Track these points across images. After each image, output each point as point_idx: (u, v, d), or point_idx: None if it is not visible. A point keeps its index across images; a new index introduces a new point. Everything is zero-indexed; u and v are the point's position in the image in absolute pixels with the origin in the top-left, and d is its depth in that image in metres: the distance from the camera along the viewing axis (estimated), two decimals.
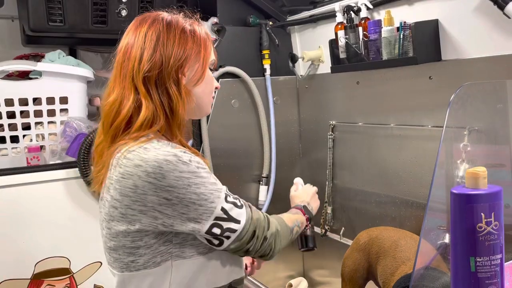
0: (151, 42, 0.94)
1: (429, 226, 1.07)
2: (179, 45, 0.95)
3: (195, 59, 0.98)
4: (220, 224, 0.93)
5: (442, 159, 1.13)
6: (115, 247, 0.96)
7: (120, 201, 0.91)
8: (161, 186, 0.88)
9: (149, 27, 0.97)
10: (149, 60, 0.93)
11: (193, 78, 0.98)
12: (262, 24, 2.10)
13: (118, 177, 0.91)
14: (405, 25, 1.47)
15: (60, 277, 1.75)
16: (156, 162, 0.88)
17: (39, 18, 1.76)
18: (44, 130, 1.81)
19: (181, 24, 0.98)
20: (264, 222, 1.00)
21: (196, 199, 0.90)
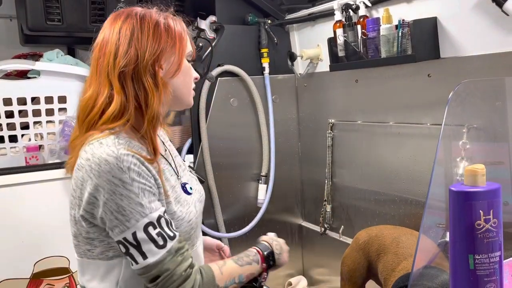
0: (126, 38, 0.95)
1: (428, 224, 1.07)
2: (154, 39, 0.96)
3: (171, 51, 0.98)
4: (127, 246, 0.91)
5: (441, 157, 1.13)
6: (75, 233, 1.01)
7: (75, 190, 0.96)
8: (95, 184, 0.90)
9: (123, 22, 0.97)
10: (124, 55, 0.94)
11: (170, 70, 0.99)
12: (260, 22, 2.10)
13: (76, 167, 0.95)
14: (404, 23, 1.47)
15: (59, 277, 1.75)
16: (98, 159, 0.90)
17: (37, 17, 1.76)
18: (43, 129, 1.80)
19: (155, 18, 0.98)
20: (177, 279, 0.92)
21: (114, 210, 0.90)
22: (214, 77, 1.93)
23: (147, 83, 0.95)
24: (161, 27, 0.97)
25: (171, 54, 0.98)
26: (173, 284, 0.92)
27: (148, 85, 0.95)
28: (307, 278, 2.26)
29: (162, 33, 0.97)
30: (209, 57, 1.87)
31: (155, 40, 0.96)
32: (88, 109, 0.97)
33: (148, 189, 0.93)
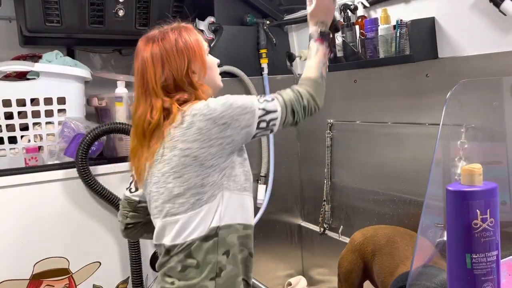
0: (158, 63, 1.20)
1: (427, 223, 1.07)
2: (179, 57, 1.21)
3: (195, 59, 1.22)
4: (263, 119, 1.19)
5: (439, 157, 1.14)
6: (184, 191, 1.16)
7: (190, 147, 1.14)
8: (216, 117, 1.14)
9: (153, 49, 1.22)
10: (161, 76, 1.20)
11: (200, 72, 1.24)
12: (259, 23, 2.10)
13: (181, 132, 1.15)
14: (402, 23, 1.47)
15: (59, 277, 1.75)
16: (205, 105, 1.15)
17: (36, 19, 1.76)
18: (42, 130, 1.81)
19: (173, 39, 1.22)
20: (296, 97, 1.24)
21: (240, 111, 1.15)
22: None
23: (187, 87, 1.20)
24: (180, 44, 1.21)
25: (195, 60, 1.22)
26: (299, 100, 1.24)
27: (188, 88, 1.20)
28: (307, 278, 2.27)
29: (183, 49, 1.21)
30: None
31: (180, 57, 1.20)
32: (146, 122, 1.20)
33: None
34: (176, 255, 1.20)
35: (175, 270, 1.20)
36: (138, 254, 1.85)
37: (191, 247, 1.18)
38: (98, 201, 1.81)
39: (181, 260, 1.19)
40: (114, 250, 1.87)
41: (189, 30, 1.25)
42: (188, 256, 1.19)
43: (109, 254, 1.86)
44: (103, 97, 2.01)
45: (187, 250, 1.18)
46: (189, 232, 1.18)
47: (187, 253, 1.18)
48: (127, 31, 1.92)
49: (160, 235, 1.23)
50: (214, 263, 1.18)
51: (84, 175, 1.72)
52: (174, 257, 1.21)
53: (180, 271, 1.19)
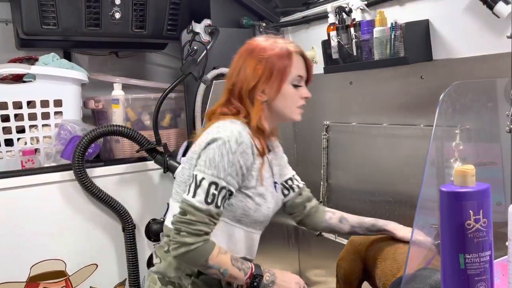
0: (237, 68, 1.28)
1: (421, 224, 1.08)
2: (253, 72, 1.24)
3: (270, 80, 1.24)
4: (192, 180, 1.19)
5: (433, 158, 1.15)
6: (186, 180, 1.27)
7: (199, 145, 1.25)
8: (213, 138, 1.20)
9: (240, 56, 1.29)
10: (234, 82, 1.27)
11: (269, 95, 1.26)
12: (255, 25, 2.11)
13: (205, 132, 1.27)
14: (396, 25, 1.48)
15: (55, 280, 1.75)
16: (229, 128, 1.22)
17: (32, 21, 1.76)
18: (39, 133, 1.81)
19: (261, 54, 1.25)
20: (192, 229, 1.16)
21: (209, 156, 1.18)
22: (209, 80, 1.94)
23: (247, 103, 1.26)
24: (263, 62, 1.24)
25: (269, 82, 1.25)
26: (187, 229, 1.16)
27: (247, 104, 1.26)
28: (304, 279, 2.26)
29: (261, 68, 1.24)
30: (204, 60, 1.88)
31: (254, 73, 1.24)
32: (213, 108, 1.33)
33: (238, 166, 1.20)
34: (166, 236, 1.30)
35: (161, 250, 1.30)
36: (135, 256, 1.85)
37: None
38: (95, 203, 1.81)
39: (167, 242, 1.27)
40: (111, 252, 1.87)
41: (285, 48, 1.26)
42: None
43: (106, 256, 1.86)
44: (100, 100, 2.02)
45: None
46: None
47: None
48: (124, 33, 1.93)
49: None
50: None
51: (81, 177, 1.72)
52: (165, 238, 1.31)
53: (166, 251, 1.27)
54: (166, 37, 2.02)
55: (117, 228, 1.87)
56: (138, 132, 1.81)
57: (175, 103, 2.12)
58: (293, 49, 1.28)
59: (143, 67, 2.41)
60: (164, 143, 1.86)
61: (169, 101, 2.08)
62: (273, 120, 1.31)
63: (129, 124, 1.98)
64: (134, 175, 1.90)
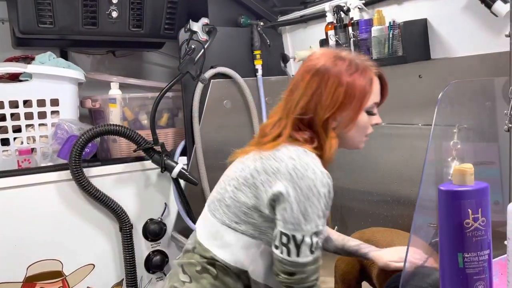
0: (310, 90, 1.09)
1: (420, 223, 1.07)
2: (332, 97, 1.08)
3: (348, 109, 1.09)
4: (290, 241, 1.05)
5: (432, 157, 1.14)
6: (228, 203, 1.12)
7: (258, 172, 1.08)
8: (294, 183, 1.04)
9: (313, 76, 1.10)
10: (305, 105, 1.09)
11: (344, 124, 1.12)
12: (253, 24, 2.10)
13: (269, 155, 1.08)
14: (394, 24, 1.48)
15: (52, 280, 1.75)
16: (306, 165, 1.06)
17: (28, 20, 1.75)
18: (35, 132, 1.80)
19: (339, 77, 1.08)
20: (307, 284, 1.08)
21: (300, 211, 1.04)
22: (207, 79, 1.94)
23: (320, 132, 1.10)
24: (343, 87, 1.08)
25: (346, 110, 1.09)
26: (302, 285, 1.08)
27: (321, 134, 1.10)
28: None
29: (342, 93, 1.08)
30: (201, 59, 1.88)
31: (332, 101, 1.08)
32: (265, 131, 1.15)
33: (327, 207, 1.07)
34: (198, 254, 1.16)
35: (193, 269, 1.15)
36: (133, 256, 1.85)
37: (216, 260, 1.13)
38: (92, 203, 1.81)
39: (201, 263, 1.14)
40: (108, 252, 1.86)
41: (366, 72, 1.11)
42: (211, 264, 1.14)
43: (103, 256, 1.85)
44: (97, 99, 2.01)
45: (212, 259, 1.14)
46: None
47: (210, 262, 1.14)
48: (121, 32, 1.92)
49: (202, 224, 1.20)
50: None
51: (78, 177, 1.72)
52: (197, 255, 1.16)
53: (199, 271, 1.14)
54: (164, 36, 2.02)
55: (114, 228, 1.86)
56: (136, 132, 1.80)
57: (173, 102, 2.11)
58: (374, 71, 1.14)
59: (140, 66, 2.40)
60: (161, 143, 1.86)
61: (167, 100, 2.07)
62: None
63: (126, 123, 1.97)
64: (131, 174, 1.90)
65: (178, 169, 1.85)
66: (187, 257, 1.19)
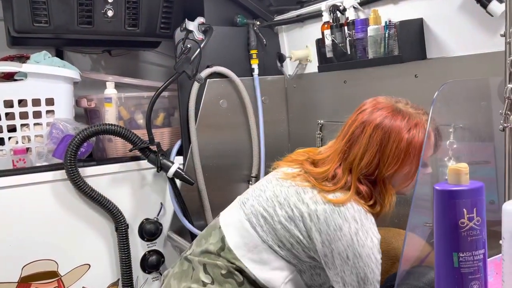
0: (375, 146, 1.09)
1: (415, 223, 1.08)
2: (396, 155, 1.08)
3: (408, 166, 1.10)
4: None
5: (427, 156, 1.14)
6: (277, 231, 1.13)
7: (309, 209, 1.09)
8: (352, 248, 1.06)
9: (374, 131, 1.10)
10: (369, 162, 1.09)
11: (402, 182, 1.14)
12: (249, 24, 2.10)
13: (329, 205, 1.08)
14: (390, 24, 1.48)
15: (47, 280, 1.74)
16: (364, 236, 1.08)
17: (23, 19, 1.74)
18: (30, 132, 1.79)
19: (401, 133, 1.09)
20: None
21: (360, 276, 1.06)
22: (203, 79, 1.93)
23: (381, 188, 1.11)
24: (405, 144, 1.08)
25: (407, 167, 1.10)
26: None
27: (380, 190, 1.11)
28: None
29: (403, 151, 1.08)
30: (197, 58, 1.87)
31: (395, 156, 1.08)
32: (324, 179, 1.12)
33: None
34: (226, 259, 1.15)
35: (218, 271, 1.14)
36: (128, 256, 1.84)
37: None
38: (87, 203, 1.80)
39: (228, 267, 1.14)
40: (104, 252, 1.86)
41: (423, 128, 1.11)
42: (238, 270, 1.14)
43: (98, 256, 1.84)
44: (92, 98, 2.00)
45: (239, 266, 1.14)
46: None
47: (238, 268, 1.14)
48: (117, 31, 1.91)
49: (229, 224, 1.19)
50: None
51: (73, 176, 1.71)
52: (223, 259, 1.15)
53: (225, 275, 1.13)
54: (159, 35, 2.01)
55: (110, 228, 1.85)
56: (131, 131, 1.80)
57: (169, 101, 2.11)
58: (431, 127, 1.13)
59: (136, 65, 2.40)
60: (157, 142, 1.85)
61: (163, 100, 2.06)
62: None
63: (122, 123, 1.96)
64: (127, 174, 1.89)
65: (174, 169, 1.84)
66: (212, 258, 1.16)
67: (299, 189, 1.12)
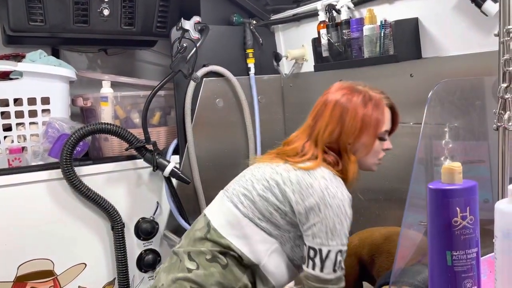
0: (335, 120, 1.25)
1: (410, 221, 1.08)
2: (353, 125, 1.24)
3: (365, 136, 1.25)
4: (316, 255, 1.17)
5: (422, 155, 1.15)
6: (260, 208, 1.23)
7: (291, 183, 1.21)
8: (324, 204, 1.18)
9: (335, 106, 1.26)
10: (331, 134, 1.25)
11: (361, 150, 1.27)
12: (245, 23, 2.10)
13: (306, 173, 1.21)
14: (386, 23, 1.48)
15: (43, 280, 1.74)
16: (334, 192, 1.19)
17: (19, 18, 1.73)
18: (26, 131, 1.79)
19: (357, 108, 1.25)
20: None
21: (329, 227, 1.16)
22: (199, 78, 1.93)
23: (344, 157, 1.25)
24: (359, 115, 1.24)
25: (364, 137, 1.25)
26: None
27: (344, 158, 1.25)
28: None
29: (359, 121, 1.24)
30: (194, 57, 1.87)
31: (353, 127, 1.24)
32: (294, 154, 1.27)
33: (349, 229, 1.20)
34: (212, 241, 1.23)
35: (202, 256, 1.22)
36: (124, 255, 1.84)
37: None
38: (83, 202, 1.80)
39: (212, 252, 1.22)
40: (100, 251, 1.85)
41: (379, 105, 1.27)
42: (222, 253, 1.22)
43: (94, 256, 1.84)
44: (88, 97, 2.00)
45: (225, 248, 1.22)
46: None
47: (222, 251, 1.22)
48: (113, 30, 1.91)
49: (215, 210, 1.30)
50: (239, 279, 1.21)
51: (69, 175, 1.71)
52: (209, 243, 1.23)
53: (210, 260, 1.21)
54: (156, 34, 2.01)
55: (106, 227, 1.85)
56: (127, 130, 1.79)
57: (165, 101, 2.10)
58: (384, 102, 1.29)
59: (132, 64, 2.39)
60: (153, 141, 1.85)
61: (159, 99, 2.06)
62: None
63: (118, 122, 1.96)
64: (123, 173, 1.89)
65: (170, 168, 1.84)
66: (197, 245, 1.24)
67: (273, 165, 1.26)
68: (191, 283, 1.19)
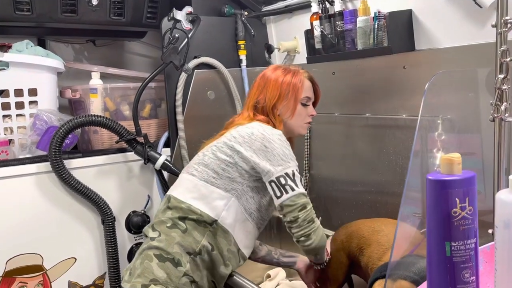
0: (261, 86, 1.52)
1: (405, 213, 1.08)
2: (274, 91, 1.49)
3: (286, 100, 1.49)
4: (286, 179, 1.35)
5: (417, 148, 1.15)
6: (213, 167, 1.43)
7: (242, 136, 1.41)
8: (260, 144, 1.39)
9: (261, 78, 1.55)
10: (258, 98, 1.52)
11: (286, 112, 1.50)
12: (237, 14, 2.08)
13: (244, 128, 1.43)
14: (380, 15, 1.48)
15: (32, 274, 1.71)
16: (267, 133, 1.42)
17: (5, 7, 1.69)
18: (13, 123, 1.75)
19: (278, 77, 1.50)
20: (312, 212, 1.38)
21: (282, 154, 1.38)
22: (190, 69, 1.91)
23: (271, 117, 1.49)
24: (278, 82, 1.49)
25: (285, 101, 1.49)
26: (313, 215, 1.38)
27: (271, 118, 1.49)
28: (286, 269, 2.27)
29: (279, 88, 1.49)
30: (185, 48, 1.85)
31: (274, 92, 1.49)
32: (233, 125, 1.50)
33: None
34: (172, 209, 1.40)
35: (163, 225, 1.38)
36: (115, 249, 1.82)
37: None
38: (73, 195, 1.77)
39: (172, 219, 1.38)
40: (90, 245, 1.83)
41: (297, 74, 1.50)
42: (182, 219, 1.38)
43: (84, 250, 1.82)
44: (77, 89, 1.96)
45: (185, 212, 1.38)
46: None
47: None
48: (101, 21, 1.87)
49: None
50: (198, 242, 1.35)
51: (58, 168, 1.68)
52: (169, 212, 1.41)
53: (170, 227, 1.37)
54: (146, 25, 1.97)
55: (96, 220, 1.83)
56: (118, 123, 1.77)
57: (155, 92, 2.08)
58: (303, 74, 1.52)
59: (121, 56, 2.35)
60: (144, 134, 1.83)
61: (149, 91, 2.03)
62: (285, 135, 1.49)
63: (107, 114, 1.93)
64: (113, 166, 1.86)
65: (162, 161, 1.82)
66: (159, 216, 1.42)
67: (220, 137, 1.48)
68: (154, 249, 1.34)
